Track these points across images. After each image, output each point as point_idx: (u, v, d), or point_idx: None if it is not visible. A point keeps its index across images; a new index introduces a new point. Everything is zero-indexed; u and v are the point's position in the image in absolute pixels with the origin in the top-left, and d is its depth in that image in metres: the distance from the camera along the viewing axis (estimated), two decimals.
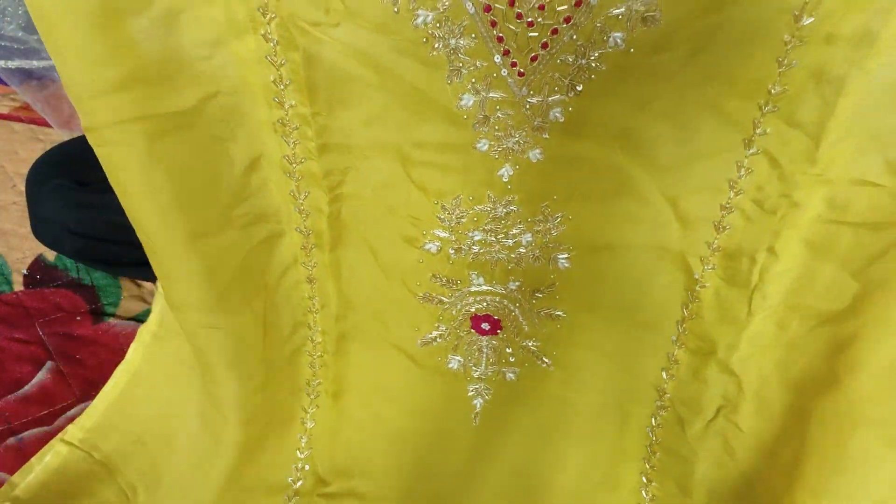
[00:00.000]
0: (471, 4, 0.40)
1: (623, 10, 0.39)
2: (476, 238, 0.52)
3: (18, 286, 0.94)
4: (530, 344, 0.58)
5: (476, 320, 0.57)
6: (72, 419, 0.78)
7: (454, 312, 0.57)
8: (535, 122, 0.45)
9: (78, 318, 0.90)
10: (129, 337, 0.88)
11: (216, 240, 0.50)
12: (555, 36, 0.41)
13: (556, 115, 0.44)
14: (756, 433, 0.53)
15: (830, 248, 0.47)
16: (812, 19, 0.39)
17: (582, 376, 0.59)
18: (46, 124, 1.13)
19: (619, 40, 0.41)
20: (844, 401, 0.45)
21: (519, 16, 0.40)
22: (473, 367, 0.59)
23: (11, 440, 0.77)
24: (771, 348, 0.52)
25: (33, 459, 0.69)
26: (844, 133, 0.43)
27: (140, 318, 0.90)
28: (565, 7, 0.40)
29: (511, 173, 0.48)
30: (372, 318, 0.60)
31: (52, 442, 0.70)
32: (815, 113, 0.43)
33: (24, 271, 0.96)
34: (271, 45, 0.44)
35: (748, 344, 0.53)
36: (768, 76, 0.42)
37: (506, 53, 0.42)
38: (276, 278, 0.58)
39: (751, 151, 0.46)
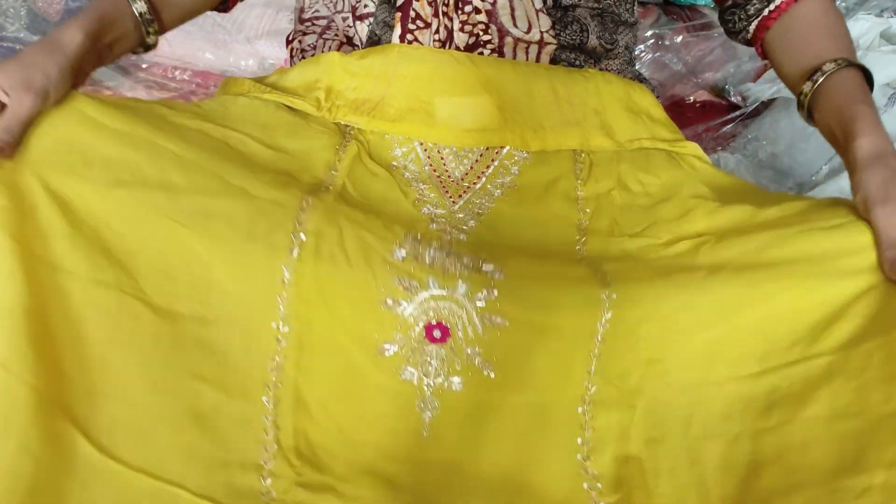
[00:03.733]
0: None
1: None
2: (432, 252, 0.67)
3: None
4: (474, 352, 0.68)
5: (429, 329, 0.67)
6: None
7: (411, 321, 0.67)
8: (456, 237, 0.71)
9: None
10: None
11: None
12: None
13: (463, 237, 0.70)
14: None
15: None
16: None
17: (521, 377, 0.67)
18: None
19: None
20: None
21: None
22: (424, 378, 0.67)
23: None
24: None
25: None
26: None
27: None
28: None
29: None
30: (335, 318, 0.66)
31: None
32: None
33: None
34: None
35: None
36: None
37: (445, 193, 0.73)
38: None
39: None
